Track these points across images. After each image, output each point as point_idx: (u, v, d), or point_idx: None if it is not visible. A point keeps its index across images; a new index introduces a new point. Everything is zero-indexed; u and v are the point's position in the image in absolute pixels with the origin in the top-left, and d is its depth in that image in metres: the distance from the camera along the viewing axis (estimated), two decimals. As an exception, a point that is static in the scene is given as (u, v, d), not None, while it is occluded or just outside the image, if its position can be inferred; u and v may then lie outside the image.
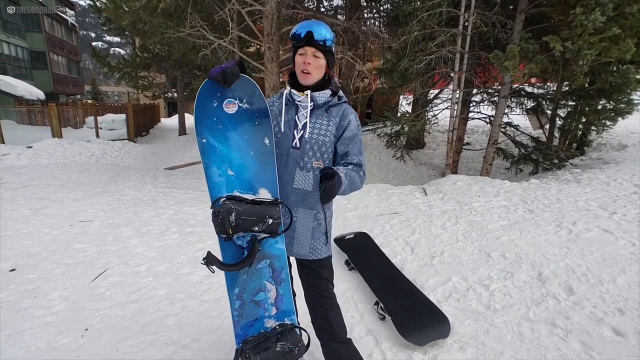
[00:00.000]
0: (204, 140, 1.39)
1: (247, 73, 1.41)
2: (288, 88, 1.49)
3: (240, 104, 1.39)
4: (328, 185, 1.32)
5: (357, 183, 1.47)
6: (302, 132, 1.47)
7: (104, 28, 15.73)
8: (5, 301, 2.49)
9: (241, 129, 1.41)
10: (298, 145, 1.47)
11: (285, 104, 1.51)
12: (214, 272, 1.36)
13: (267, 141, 1.44)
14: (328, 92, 1.49)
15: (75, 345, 2.06)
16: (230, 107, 1.38)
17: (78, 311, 2.39)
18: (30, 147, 9.89)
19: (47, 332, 2.17)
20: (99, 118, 14.30)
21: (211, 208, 1.37)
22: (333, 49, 1.46)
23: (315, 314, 1.65)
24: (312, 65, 1.41)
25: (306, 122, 1.47)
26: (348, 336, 1.68)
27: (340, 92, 1.54)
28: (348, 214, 4.33)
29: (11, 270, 2.91)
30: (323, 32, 1.39)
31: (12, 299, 2.52)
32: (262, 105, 1.41)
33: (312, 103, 1.47)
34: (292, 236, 1.55)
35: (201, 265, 2.99)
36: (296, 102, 1.48)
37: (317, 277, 1.62)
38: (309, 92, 1.46)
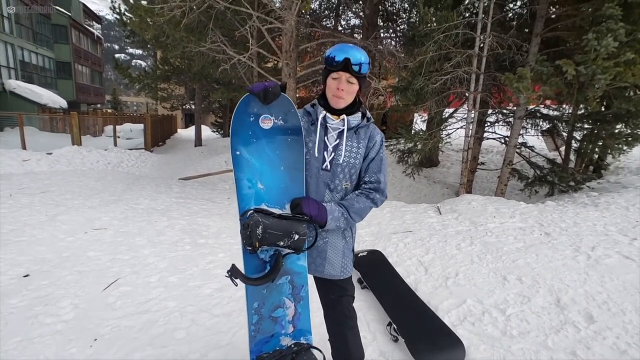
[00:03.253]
0: (238, 153, 1.42)
1: (286, 92, 1.43)
2: (323, 112, 1.47)
3: (276, 120, 1.42)
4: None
5: (361, 209, 1.48)
6: (332, 154, 1.47)
7: (128, 41, 16.26)
8: (17, 307, 2.50)
9: (274, 145, 1.44)
10: (329, 167, 1.47)
11: (312, 123, 1.50)
12: (237, 285, 1.36)
13: (298, 158, 1.46)
14: (359, 114, 1.49)
15: (84, 356, 2.05)
16: (266, 123, 1.41)
17: (88, 320, 2.39)
18: (50, 153, 10.16)
19: (56, 341, 2.16)
20: (117, 127, 14.66)
21: (240, 219, 1.38)
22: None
23: (333, 333, 1.61)
24: (345, 91, 1.40)
25: (337, 145, 1.47)
26: None
27: (368, 113, 1.53)
28: (361, 230, 4.29)
29: (25, 276, 2.94)
30: (360, 59, 1.37)
31: (23, 305, 2.53)
32: (296, 123, 1.43)
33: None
34: (324, 257, 1.54)
35: (212, 278, 3.01)
36: (327, 124, 1.49)
37: (342, 293, 1.59)
38: (345, 117, 1.46)
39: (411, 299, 2.58)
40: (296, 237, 1.35)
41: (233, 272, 1.32)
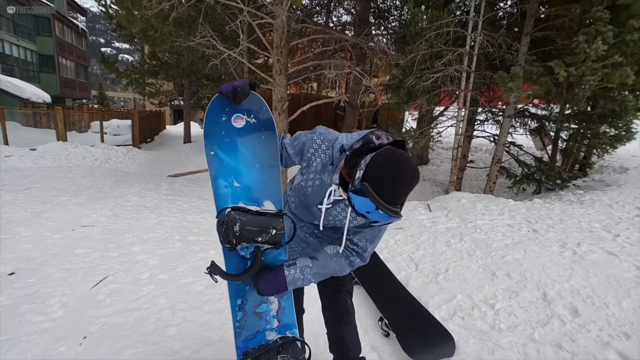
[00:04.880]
0: (212, 153, 1.41)
1: (256, 89, 1.40)
2: (335, 186, 1.29)
3: (248, 119, 1.41)
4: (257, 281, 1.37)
5: (333, 272, 1.39)
6: (330, 205, 1.37)
7: (114, 34, 15.90)
8: (3, 305, 2.45)
9: (248, 143, 1.43)
10: (322, 210, 1.37)
11: (331, 163, 1.34)
12: (217, 282, 1.36)
13: (272, 154, 1.45)
14: None
15: (73, 354, 2.02)
16: (238, 122, 1.41)
17: (77, 318, 2.35)
18: (34, 149, 9.91)
19: (44, 339, 2.12)
20: (104, 123, 14.39)
21: (216, 217, 1.38)
22: None
23: (330, 328, 1.63)
24: None
25: (339, 201, 1.35)
26: (362, 355, 1.64)
27: None
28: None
29: (10, 274, 2.87)
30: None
31: (9, 303, 2.48)
32: (268, 120, 1.42)
33: None
34: None
35: (203, 275, 2.98)
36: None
37: (338, 290, 1.61)
38: (349, 210, 1.29)
39: (402, 294, 2.61)
40: (274, 231, 1.35)
41: (212, 269, 1.32)
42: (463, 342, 2.16)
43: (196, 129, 21.36)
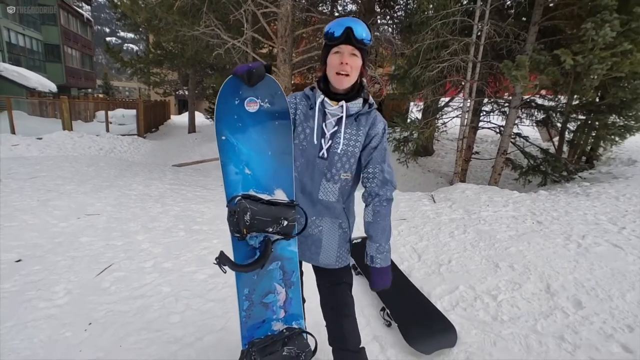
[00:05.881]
0: (223, 138, 1.36)
1: (271, 73, 1.36)
2: (321, 97, 1.38)
3: (262, 103, 1.35)
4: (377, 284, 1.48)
5: (388, 226, 1.46)
6: (330, 142, 1.40)
7: (119, 23, 15.90)
8: (10, 292, 2.49)
9: (261, 129, 1.38)
10: (325, 155, 1.40)
11: (311, 108, 1.43)
12: (225, 272, 1.34)
13: (286, 142, 1.40)
14: (360, 101, 1.39)
15: (78, 339, 2.05)
16: (252, 106, 1.35)
17: (82, 305, 2.39)
18: (40, 138, 10.01)
19: (50, 325, 2.16)
20: (109, 112, 14.44)
21: (227, 206, 1.35)
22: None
23: (329, 320, 1.61)
24: (349, 65, 1.30)
25: (335, 132, 1.40)
26: (361, 345, 1.62)
27: (371, 99, 1.43)
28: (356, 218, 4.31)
29: (17, 261, 2.92)
30: (362, 29, 1.28)
31: (16, 289, 2.52)
32: (283, 105, 1.37)
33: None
34: (319, 245, 1.51)
35: (207, 264, 3.01)
36: (325, 109, 1.41)
37: (337, 281, 1.58)
38: (344, 103, 1.36)
39: (404, 285, 2.61)
40: (285, 222, 1.32)
41: (221, 259, 1.30)
42: (465, 332, 2.16)
43: (200, 118, 21.37)
